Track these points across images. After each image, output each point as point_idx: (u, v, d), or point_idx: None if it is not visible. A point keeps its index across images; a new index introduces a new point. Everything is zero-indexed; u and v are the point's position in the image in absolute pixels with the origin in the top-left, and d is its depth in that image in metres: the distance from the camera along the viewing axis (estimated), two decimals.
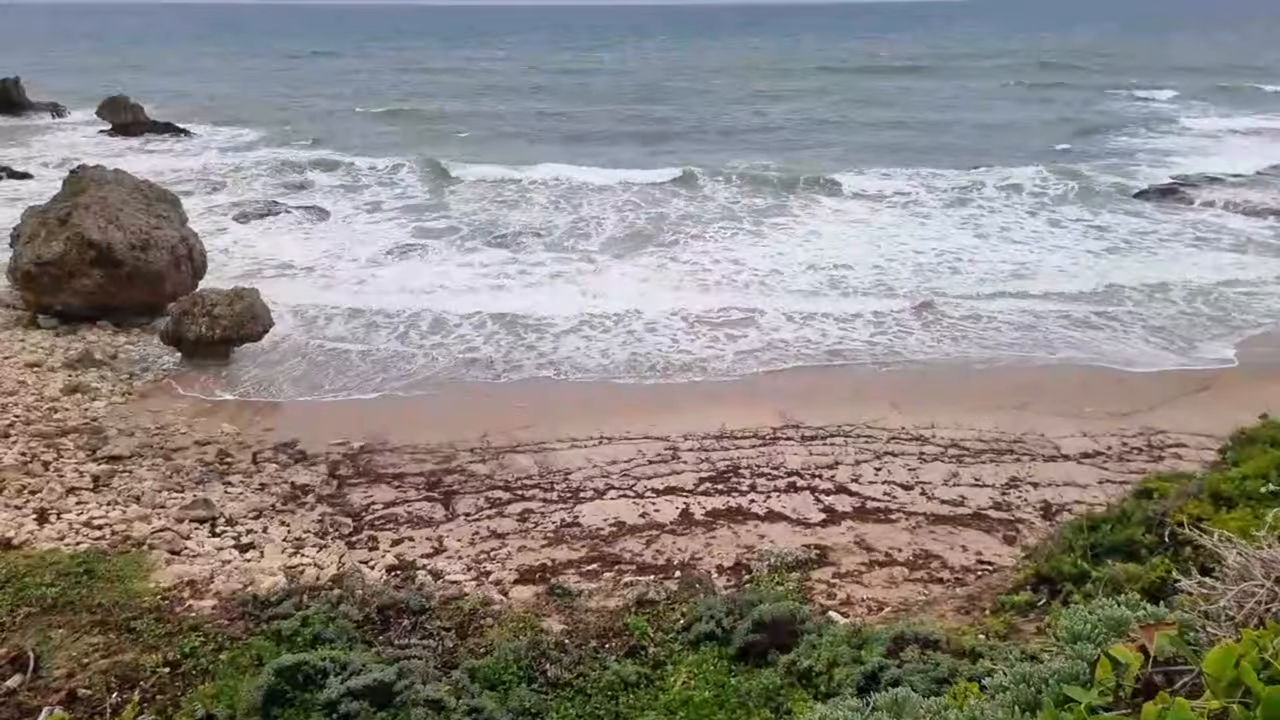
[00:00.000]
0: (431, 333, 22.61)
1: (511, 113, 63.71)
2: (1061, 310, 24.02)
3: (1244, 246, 29.84)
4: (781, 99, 68.80)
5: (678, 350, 21.49)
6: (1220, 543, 2.70)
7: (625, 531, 13.79)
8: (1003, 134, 51.83)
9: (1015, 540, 13.18)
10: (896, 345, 21.90)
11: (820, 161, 43.97)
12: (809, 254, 28.97)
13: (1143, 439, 16.52)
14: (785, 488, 14.97)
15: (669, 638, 9.61)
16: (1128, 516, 8.88)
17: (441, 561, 12.93)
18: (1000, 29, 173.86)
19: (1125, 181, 39.40)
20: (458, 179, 40.02)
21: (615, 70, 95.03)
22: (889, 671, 7.46)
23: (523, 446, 16.51)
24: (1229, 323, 23.01)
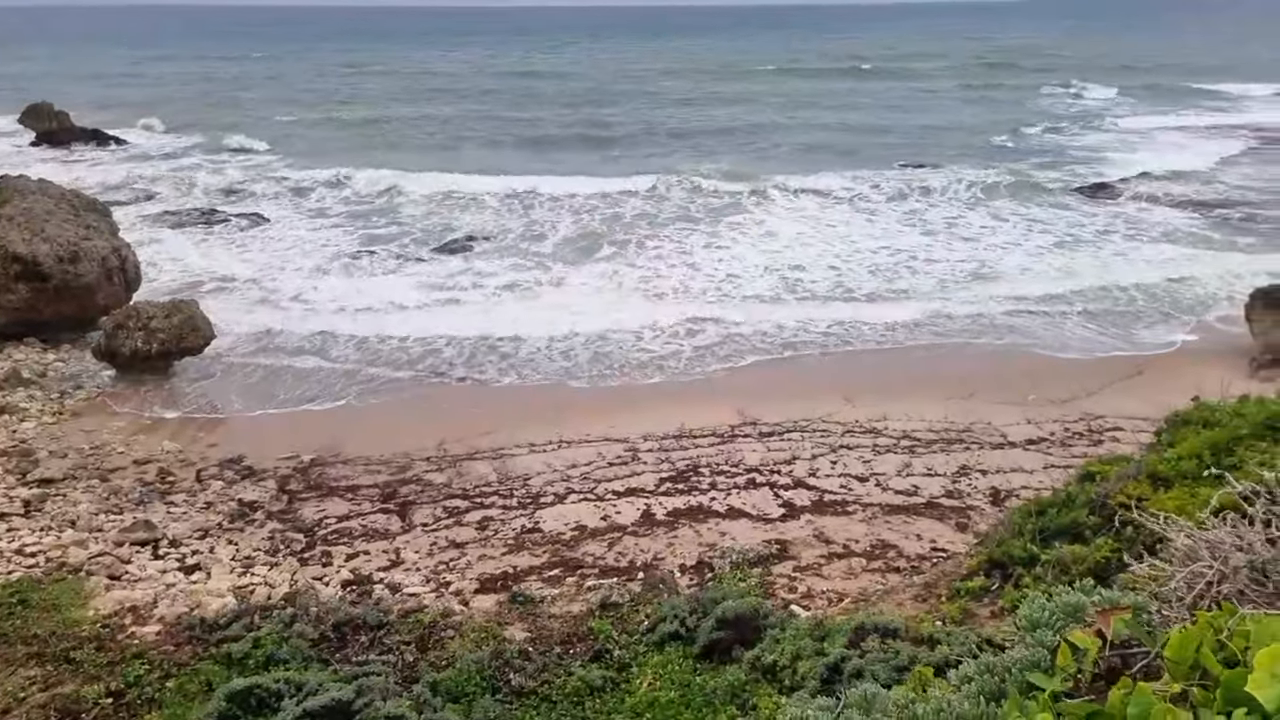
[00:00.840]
0: (380, 343, 22.22)
1: (459, 116, 62.94)
2: (1007, 300, 24.66)
3: (1172, 236, 31.02)
4: (732, 101, 69.16)
5: (637, 349, 21.51)
6: (1167, 526, 2.79)
7: (587, 535, 13.74)
8: (945, 133, 52.96)
9: (967, 527, 13.50)
10: (849, 335, 22.29)
11: (771, 162, 44.40)
12: (765, 256, 29.06)
13: (1083, 424, 17.05)
14: (745, 484, 15.09)
15: (633, 639, 9.60)
16: (1072, 500, 9.16)
17: (399, 574, 12.71)
18: (949, 29, 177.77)
19: (1060, 177, 40.64)
20: (405, 184, 39.39)
21: (567, 73, 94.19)
22: (851, 662, 7.56)
23: (481, 453, 16.34)
24: (1159, 310, 23.88)
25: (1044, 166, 43.14)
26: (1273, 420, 7.36)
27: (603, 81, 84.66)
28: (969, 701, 2.13)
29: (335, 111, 64.13)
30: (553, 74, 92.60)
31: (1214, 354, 20.42)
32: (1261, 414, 7.60)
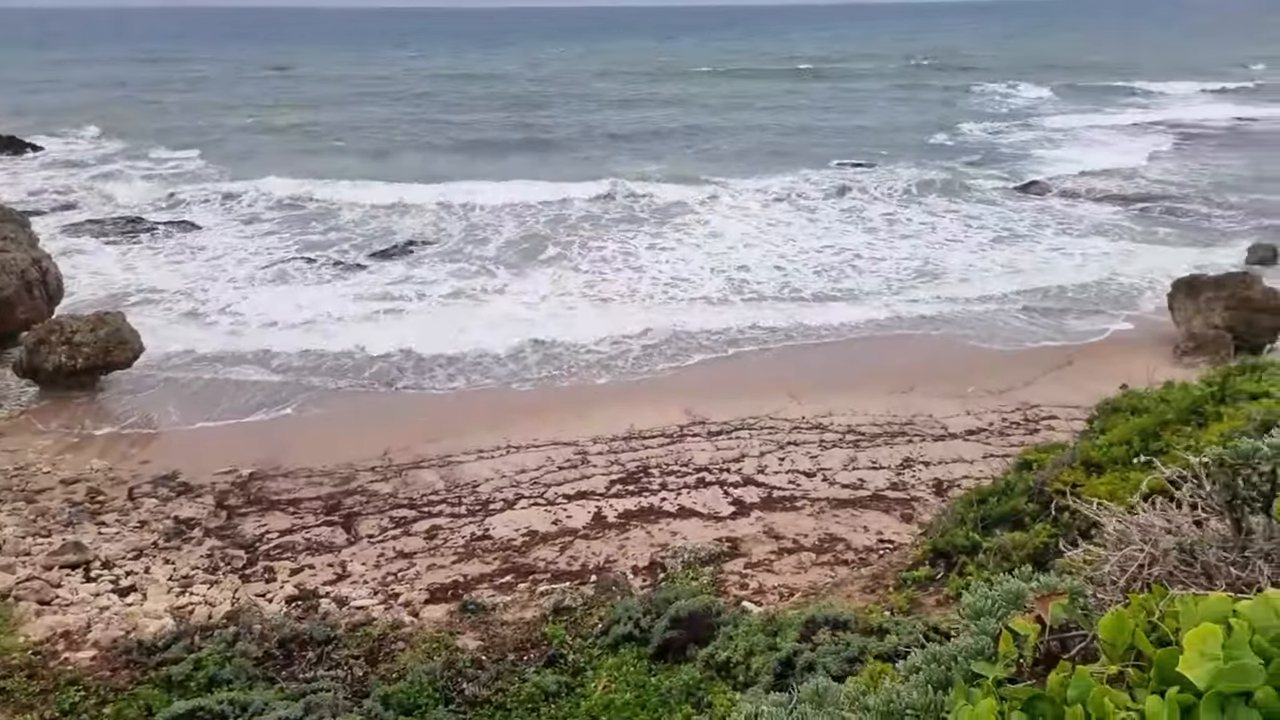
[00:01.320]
0: (320, 354, 21.68)
1: (394, 120, 61.80)
2: (950, 296, 25.28)
3: (1100, 229, 32.20)
4: (669, 102, 69.43)
5: (584, 352, 21.44)
6: (1100, 511, 2.88)
7: (538, 540, 13.65)
8: (881, 133, 54.07)
9: (912, 518, 13.79)
10: (795, 334, 22.58)
11: (712, 164, 44.71)
12: (710, 258, 29.18)
13: (1020, 414, 17.57)
14: (695, 483, 15.17)
15: (587, 643, 9.58)
16: (1011, 488, 9.43)
17: (346, 587, 12.45)
18: (884, 30, 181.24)
19: (994, 174, 41.93)
20: (340, 190, 38.56)
21: (503, 75, 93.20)
22: (803, 656, 7.66)
23: (427, 461, 16.09)
24: (1089, 301, 24.77)
25: (978, 164, 44.43)
26: (1196, 405, 7.68)
27: (539, 84, 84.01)
28: (917, 691, 2.16)
29: (265, 116, 62.47)
30: (489, 76, 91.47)
31: (1141, 342, 21.26)
32: (1185, 399, 7.93)
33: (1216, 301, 20.49)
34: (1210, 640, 1.42)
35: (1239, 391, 7.58)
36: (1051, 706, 1.65)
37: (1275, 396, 6.84)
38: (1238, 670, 1.34)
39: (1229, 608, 1.49)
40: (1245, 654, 1.35)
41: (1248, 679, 1.33)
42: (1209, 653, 1.40)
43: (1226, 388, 7.81)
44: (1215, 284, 20.94)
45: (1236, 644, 1.38)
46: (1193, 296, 21.13)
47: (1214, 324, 20.30)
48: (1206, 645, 1.41)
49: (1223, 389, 7.81)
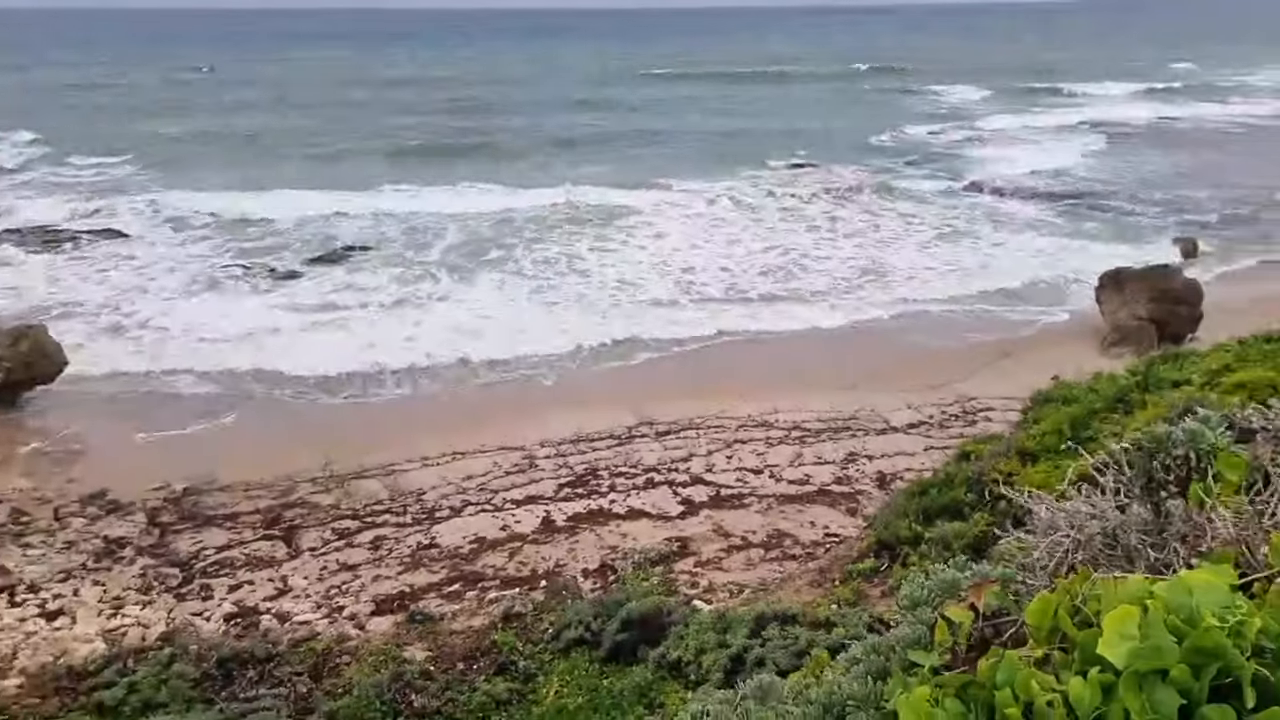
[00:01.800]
0: (255, 363, 21.08)
1: (330, 124, 60.13)
2: (894, 292, 25.81)
3: (1032, 225, 33.26)
4: (611, 106, 69.27)
5: (531, 357, 21.26)
6: (1030, 499, 2.96)
7: (486, 547, 13.50)
8: (822, 134, 54.85)
9: (857, 511, 14.03)
10: (743, 334, 22.78)
11: (656, 167, 44.85)
12: (657, 260, 29.17)
13: (958, 406, 18.03)
14: (644, 484, 15.19)
15: (538, 649, 9.52)
16: (951, 479, 9.67)
17: (288, 602, 12.14)
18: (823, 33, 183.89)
19: (933, 173, 43.04)
20: (274, 196, 37.52)
21: (441, 79, 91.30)
22: (753, 652, 7.74)
23: (370, 470, 15.79)
24: (1022, 295, 25.53)
25: (916, 164, 45.53)
26: (1122, 394, 7.98)
27: (477, 87, 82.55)
28: (857, 682, 2.19)
29: (197, 120, 60.57)
30: (433, 80, 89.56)
31: (1071, 334, 22.02)
32: (1112, 389, 8.23)
33: (1141, 294, 21.32)
34: (1128, 621, 1.46)
35: (1162, 380, 7.90)
36: (982, 691, 1.69)
37: (1195, 384, 7.15)
38: (1153, 650, 1.38)
39: (1146, 589, 1.54)
40: (1160, 634, 1.40)
41: (1163, 658, 1.38)
42: (1126, 633, 1.45)
43: (1150, 377, 8.14)
44: (1139, 277, 21.79)
45: (1152, 624, 1.42)
46: (1119, 289, 21.95)
47: (1138, 315, 21.12)
48: (1124, 626, 1.46)
49: (1147, 378, 8.13)
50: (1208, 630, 1.35)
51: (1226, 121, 58.79)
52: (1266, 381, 6.39)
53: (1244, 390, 6.53)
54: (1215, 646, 1.33)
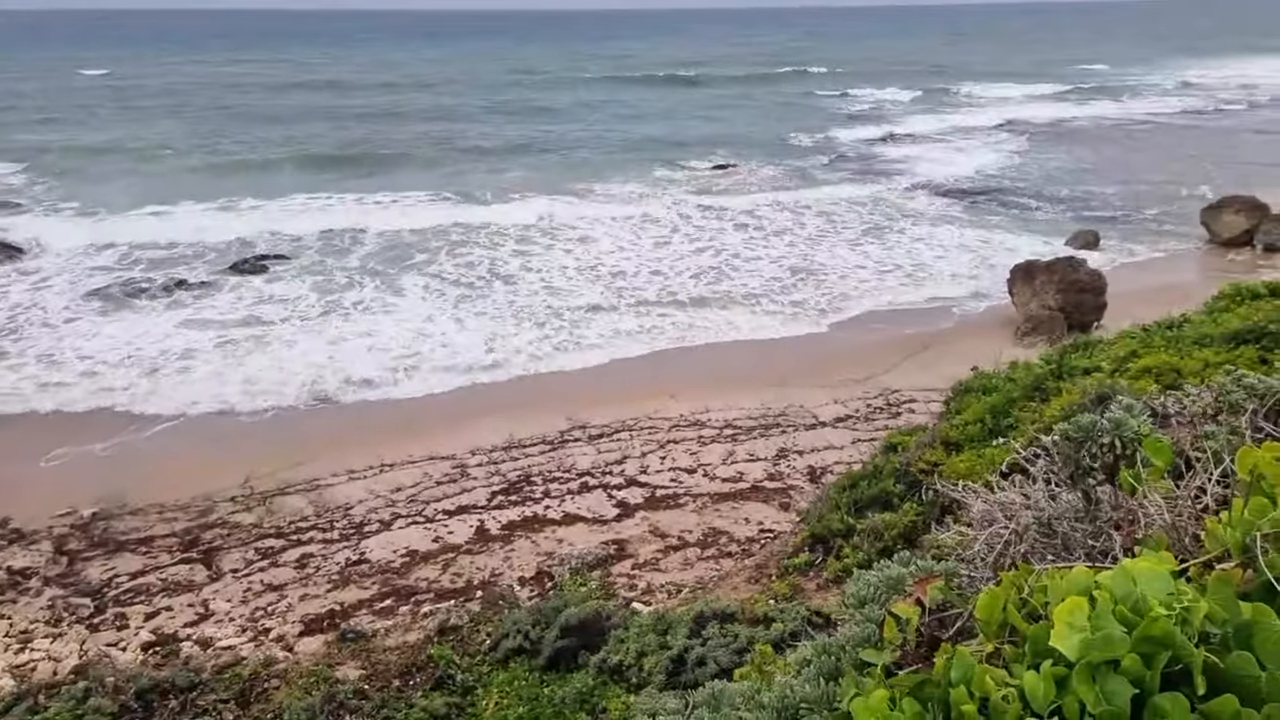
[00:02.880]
0: (165, 376, 20.15)
1: (232, 131, 57.44)
2: (821, 288, 26.29)
3: (945, 221, 34.41)
4: (526, 111, 68.45)
5: (459, 365, 20.85)
6: (965, 492, 3.01)
7: (419, 560, 13.19)
8: (740, 135, 55.60)
9: (790, 506, 14.25)
10: (675, 338, 22.81)
11: (576, 170, 44.65)
12: (584, 264, 28.98)
13: (882, 399, 18.50)
14: (578, 489, 15.09)
15: (476, 661, 9.34)
16: (879, 471, 9.89)
17: (210, 627, 11.62)
18: (741, 36, 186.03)
19: (852, 172, 44.12)
20: (180, 206, 35.83)
21: (344, 83, 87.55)
22: (694, 651, 7.75)
23: (293, 486, 15.24)
24: (937, 289, 26.38)
25: (837, 163, 46.67)
26: (1038, 382, 8.29)
27: (383, 93, 79.51)
28: (809, 684, 2.18)
29: (94, 129, 57.34)
30: (327, 85, 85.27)
31: (986, 325, 22.85)
32: (1028, 377, 8.55)
33: (1049, 285, 22.30)
34: (1077, 613, 1.48)
35: (1074, 367, 8.24)
36: (938, 690, 1.69)
37: (1105, 370, 7.47)
38: (1104, 640, 1.40)
39: (1091, 579, 1.57)
40: (1110, 624, 1.42)
41: (1113, 648, 1.39)
42: (1077, 625, 1.47)
43: (1063, 364, 8.49)
44: (1047, 269, 22.78)
45: (1101, 615, 1.44)
46: (1029, 281, 22.90)
47: (1048, 305, 22.08)
48: (1074, 618, 1.48)
49: (1060, 366, 8.47)
50: (1156, 619, 1.37)
51: (1131, 120, 62.02)
52: (1170, 366, 6.72)
53: (1149, 375, 6.86)
54: (1164, 635, 1.36)
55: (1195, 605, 1.38)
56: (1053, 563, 2.03)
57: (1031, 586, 1.78)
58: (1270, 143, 48.90)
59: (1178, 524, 1.89)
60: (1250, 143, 49.39)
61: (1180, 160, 45.31)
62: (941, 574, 2.33)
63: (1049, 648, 1.49)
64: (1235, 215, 29.40)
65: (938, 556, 2.67)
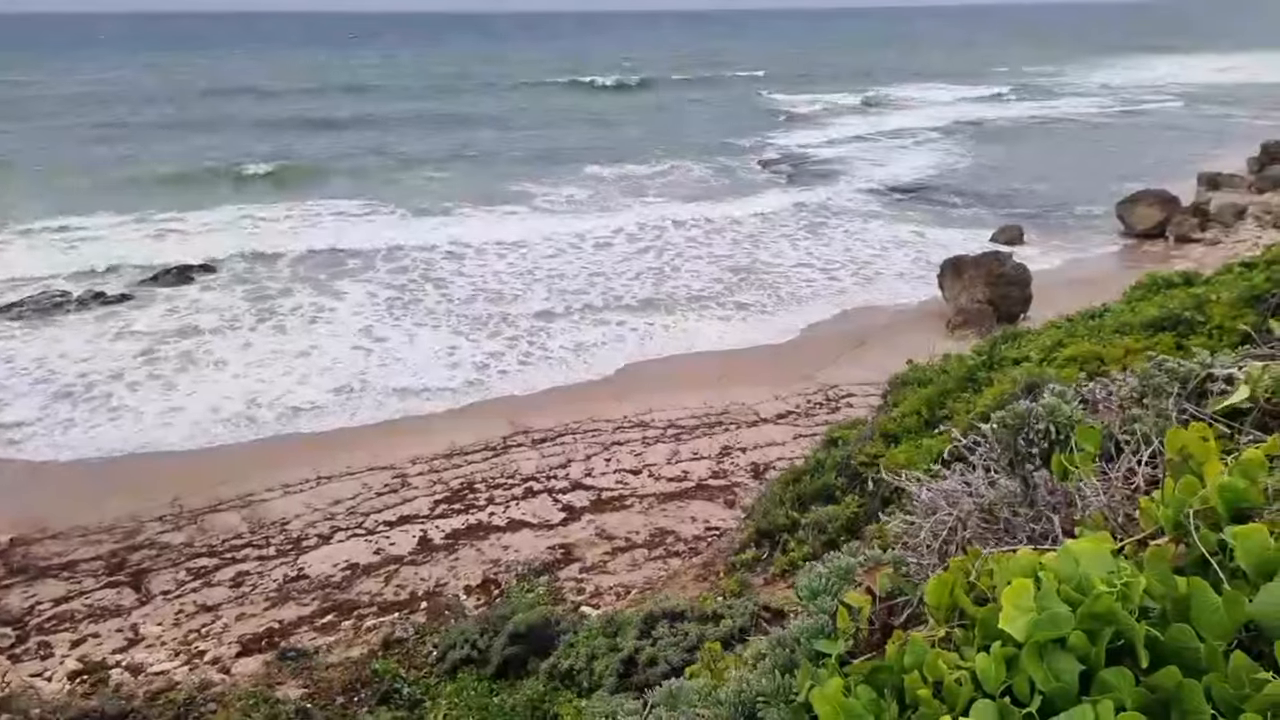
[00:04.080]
0: (84, 394, 19.27)
1: (126, 137, 53.63)
2: (752, 286, 26.59)
3: (876, 218, 35.21)
4: (446, 118, 66.77)
5: (395, 372, 20.42)
6: (907, 480, 3.07)
7: (360, 573, 12.89)
8: (672, 136, 55.85)
9: (735, 503, 14.37)
10: (618, 335, 22.76)
11: (490, 171, 44.21)
12: (520, 268, 28.66)
13: (821, 395, 18.81)
14: (523, 494, 14.95)
15: (423, 673, 9.19)
16: (822, 465, 10.05)
17: (140, 653, 11.15)
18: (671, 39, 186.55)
19: (784, 172, 44.79)
20: (77, 218, 34.21)
21: (233, 89, 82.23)
22: (645, 652, 7.75)
23: (225, 503, 14.73)
24: (875, 283, 26.98)
25: (774, 165, 47.37)
26: (971, 374, 8.54)
27: (280, 97, 75.27)
28: (765, 678, 2.19)
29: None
30: (219, 91, 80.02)
31: (919, 319, 23.44)
32: (962, 369, 8.80)
33: (977, 278, 23.01)
34: (1024, 594, 1.52)
35: (1004, 358, 8.51)
36: (892, 675, 1.72)
37: (1034, 360, 7.74)
38: (1050, 619, 1.44)
39: (1036, 561, 1.61)
40: (1055, 603, 1.46)
41: (1059, 626, 1.43)
42: (1024, 606, 1.51)
43: (994, 355, 8.76)
44: (975, 263, 23.50)
45: (1046, 595, 1.48)
46: (958, 275, 23.59)
47: (977, 299, 22.78)
48: (1021, 599, 1.52)
49: (991, 357, 8.74)
50: (1099, 596, 1.42)
51: (1051, 118, 64.34)
52: (1094, 354, 6.99)
53: (1075, 363, 7.13)
54: (1107, 611, 1.40)
55: (1134, 581, 1.43)
56: (996, 547, 2.08)
57: (978, 570, 1.82)
58: (1179, 138, 51.41)
59: (1112, 505, 1.96)
60: (1160, 139, 51.82)
61: (1097, 157, 47.30)
62: (889, 562, 2.37)
63: (998, 629, 1.53)
64: (1149, 208, 30.82)
65: (884, 545, 2.72)
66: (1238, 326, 6.10)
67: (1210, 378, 2.64)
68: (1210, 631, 1.36)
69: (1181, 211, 30.63)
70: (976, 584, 1.80)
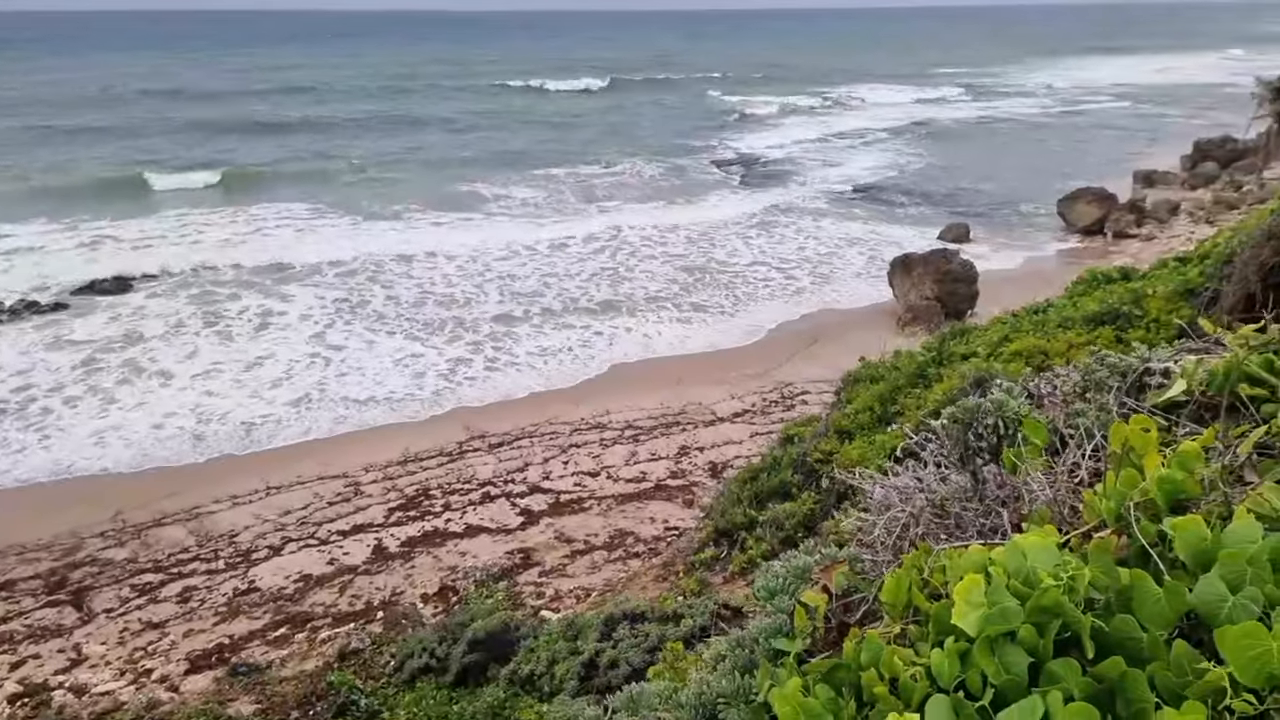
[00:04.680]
0: (18, 407, 18.57)
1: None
2: (707, 284, 26.71)
3: (826, 215, 35.67)
4: (406, 121, 66.27)
5: (353, 379, 20.03)
6: (861, 478, 3.11)
7: (313, 584, 12.63)
8: (619, 137, 55.92)
9: (693, 502, 14.42)
10: (576, 338, 22.64)
11: (465, 175, 43.81)
12: (472, 270, 28.42)
13: (776, 392, 19.00)
14: (480, 499, 14.81)
15: (381, 684, 9.05)
16: (778, 462, 10.14)
17: (84, 673, 10.77)
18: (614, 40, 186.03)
19: (734, 171, 45.17)
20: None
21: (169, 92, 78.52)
22: (606, 654, 7.73)
23: (170, 517, 14.31)
24: (828, 281, 27.32)
25: (725, 164, 47.75)
26: (921, 369, 8.70)
27: (159, 101, 71.33)
28: (725, 679, 2.20)
29: None
30: (157, 93, 77.01)
31: (870, 316, 23.80)
32: (912, 365, 8.95)
33: (925, 276, 23.46)
34: (975, 590, 1.55)
35: (953, 354, 8.69)
36: (849, 673, 1.74)
37: (981, 355, 7.91)
38: (1001, 614, 1.47)
39: (986, 556, 1.64)
40: (1005, 598, 1.49)
41: (1009, 620, 1.46)
42: (975, 601, 1.53)
43: (943, 351, 8.93)
44: (924, 261, 23.96)
45: (996, 590, 1.51)
46: (907, 273, 24.02)
47: (926, 296, 23.22)
48: (972, 595, 1.54)
49: (940, 353, 8.92)
50: (1046, 590, 1.45)
51: (997, 119, 65.87)
52: (1038, 349, 7.18)
53: (1021, 358, 7.31)
54: (1054, 604, 1.43)
55: (1080, 574, 1.46)
56: (948, 542, 2.11)
57: (931, 567, 1.85)
58: (1117, 138, 53.10)
59: (1058, 498, 2.00)
60: (1099, 138, 53.46)
61: (1040, 156, 48.60)
62: (845, 560, 2.40)
63: (951, 625, 1.55)
64: (1088, 205, 31.77)
65: (840, 543, 2.75)
66: (1174, 320, 6.32)
67: (1148, 371, 2.73)
68: (1152, 621, 1.40)
69: (1119, 208, 31.64)
70: (930, 580, 1.83)
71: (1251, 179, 35.17)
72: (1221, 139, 39.47)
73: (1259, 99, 35.39)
